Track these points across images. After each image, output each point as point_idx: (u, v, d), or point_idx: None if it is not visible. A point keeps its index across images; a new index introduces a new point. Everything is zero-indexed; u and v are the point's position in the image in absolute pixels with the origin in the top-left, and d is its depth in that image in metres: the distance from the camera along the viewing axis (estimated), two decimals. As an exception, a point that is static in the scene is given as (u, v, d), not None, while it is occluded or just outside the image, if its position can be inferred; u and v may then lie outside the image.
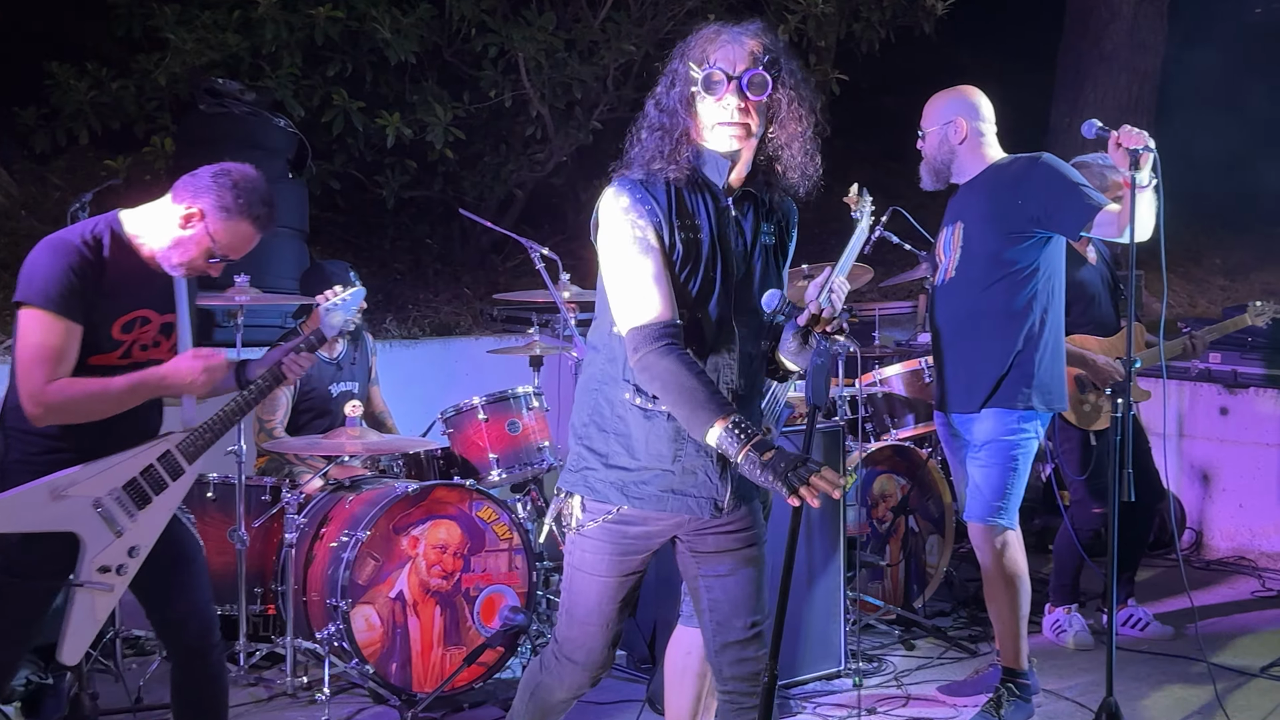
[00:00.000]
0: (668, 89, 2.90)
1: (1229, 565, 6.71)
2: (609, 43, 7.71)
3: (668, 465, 2.94)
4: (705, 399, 2.75)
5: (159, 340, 3.48)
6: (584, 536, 3.02)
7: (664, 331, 2.79)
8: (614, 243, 2.87)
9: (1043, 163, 4.31)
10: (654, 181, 2.89)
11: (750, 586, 3.07)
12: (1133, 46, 10.17)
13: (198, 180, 3.43)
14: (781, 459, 2.70)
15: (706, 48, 2.88)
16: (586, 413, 3.02)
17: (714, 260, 2.91)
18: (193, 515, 4.07)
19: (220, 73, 7.18)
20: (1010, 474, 4.36)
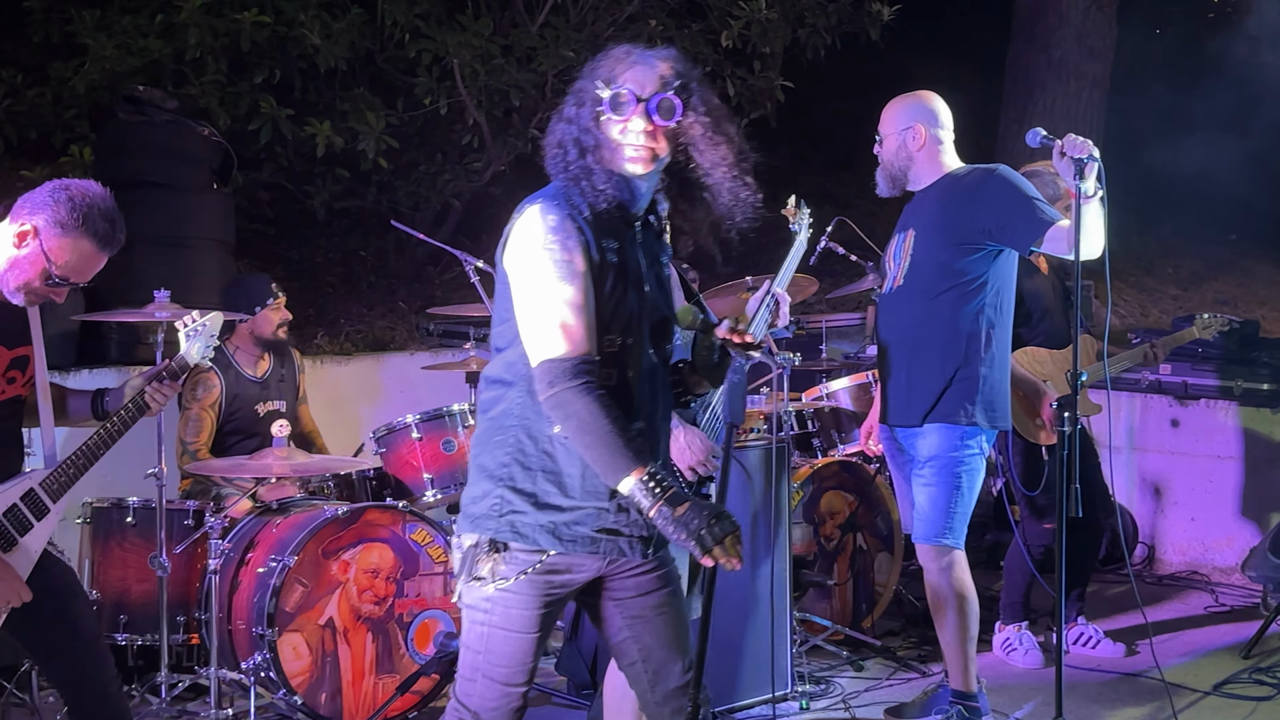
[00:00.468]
0: (576, 107, 2.83)
1: (1182, 580, 6.80)
2: (547, 49, 7.71)
3: (604, 503, 2.82)
4: (622, 445, 2.66)
5: (12, 376, 3.41)
6: (506, 592, 2.81)
7: (582, 368, 2.69)
8: (534, 267, 2.75)
9: (998, 175, 4.36)
10: (577, 202, 2.80)
11: (680, 626, 3.00)
12: (1082, 52, 10.31)
13: (34, 197, 3.34)
14: (695, 515, 2.64)
15: (615, 67, 2.82)
16: (505, 452, 2.82)
17: (630, 283, 2.85)
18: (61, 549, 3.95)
19: (141, 80, 7.11)
20: (955, 493, 4.39)
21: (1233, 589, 6.55)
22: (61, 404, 3.70)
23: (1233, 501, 6.84)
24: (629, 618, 2.97)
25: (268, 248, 8.50)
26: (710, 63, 8.22)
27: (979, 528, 6.78)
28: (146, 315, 4.64)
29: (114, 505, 4.89)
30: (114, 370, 6.10)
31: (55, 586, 3.48)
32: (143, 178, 6.43)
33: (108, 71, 7.15)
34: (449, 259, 8.19)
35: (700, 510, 2.65)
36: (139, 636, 4.81)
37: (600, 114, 2.79)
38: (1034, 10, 10.54)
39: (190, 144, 6.64)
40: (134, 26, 7.26)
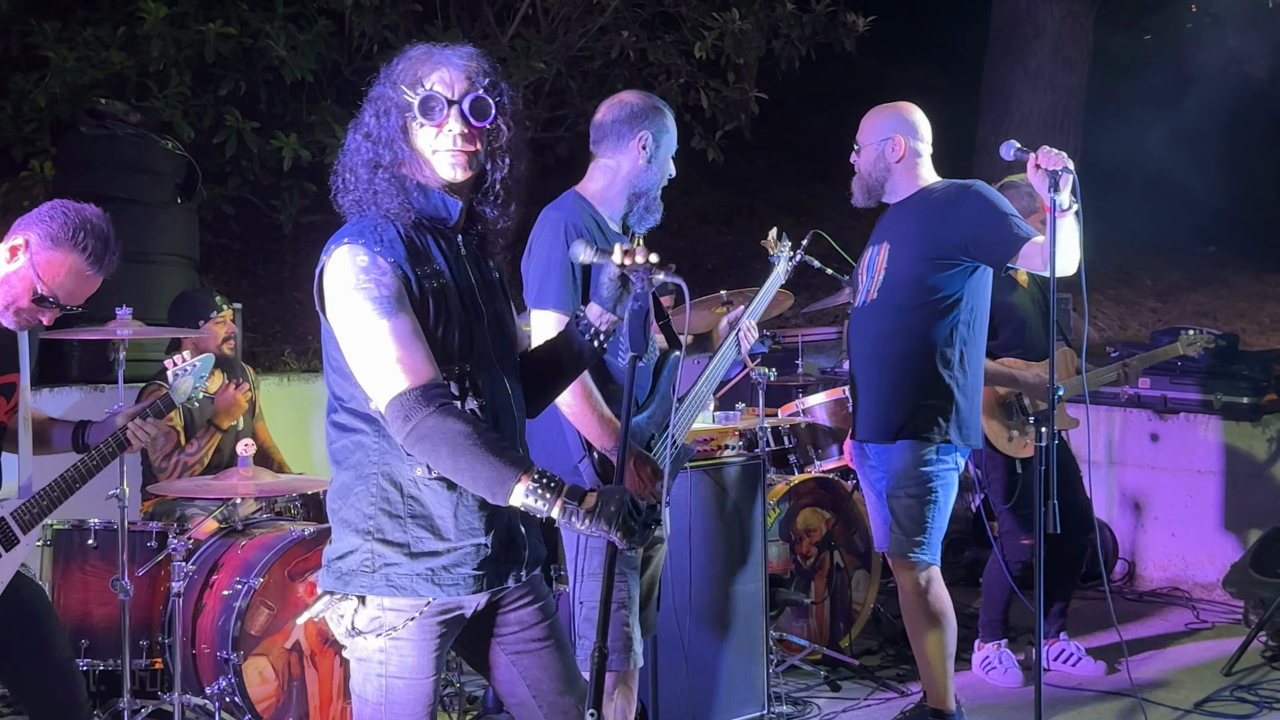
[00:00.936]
0: (378, 118, 2.68)
1: (1162, 596, 6.83)
2: (518, 60, 7.72)
3: (481, 538, 2.69)
4: (498, 455, 2.53)
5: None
6: (398, 640, 2.68)
7: (431, 394, 2.55)
8: (353, 310, 2.59)
9: (974, 191, 4.38)
10: (385, 229, 2.65)
11: (567, 659, 2.89)
12: (1058, 63, 10.40)
13: (32, 213, 3.34)
14: (609, 500, 2.53)
15: (418, 70, 2.69)
16: (369, 502, 2.67)
17: (462, 304, 2.72)
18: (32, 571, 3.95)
19: (104, 92, 7.09)
20: (929, 508, 4.40)
21: (1214, 605, 6.59)
22: (44, 433, 3.70)
23: (1213, 517, 6.88)
24: (513, 654, 2.85)
25: (233, 263, 8.48)
26: (684, 74, 8.26)
27: (957, 544, 6.80)
28: (108, 333, 4.61)
29: (75, 527, 4.85)
30: (75, 389, 6.07)
31: (26, 611, 3.47)
32: (105, 192, 6.37)
33: (69, 84, 7.13)
34: (419, 274, 8.19)
35: (613, 494, 2.54)
36: (100, 661, 4.77)
37: (409, 121, 2.67)
38: (1010, 21, 10.63)
39: (153, 158, 6.61)
40: (96, 38, 7.24)
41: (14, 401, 3.45)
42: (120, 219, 6.11)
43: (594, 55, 8.08)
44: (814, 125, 11.25)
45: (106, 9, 7.57)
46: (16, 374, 3.43)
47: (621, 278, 2.78)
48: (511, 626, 2.84)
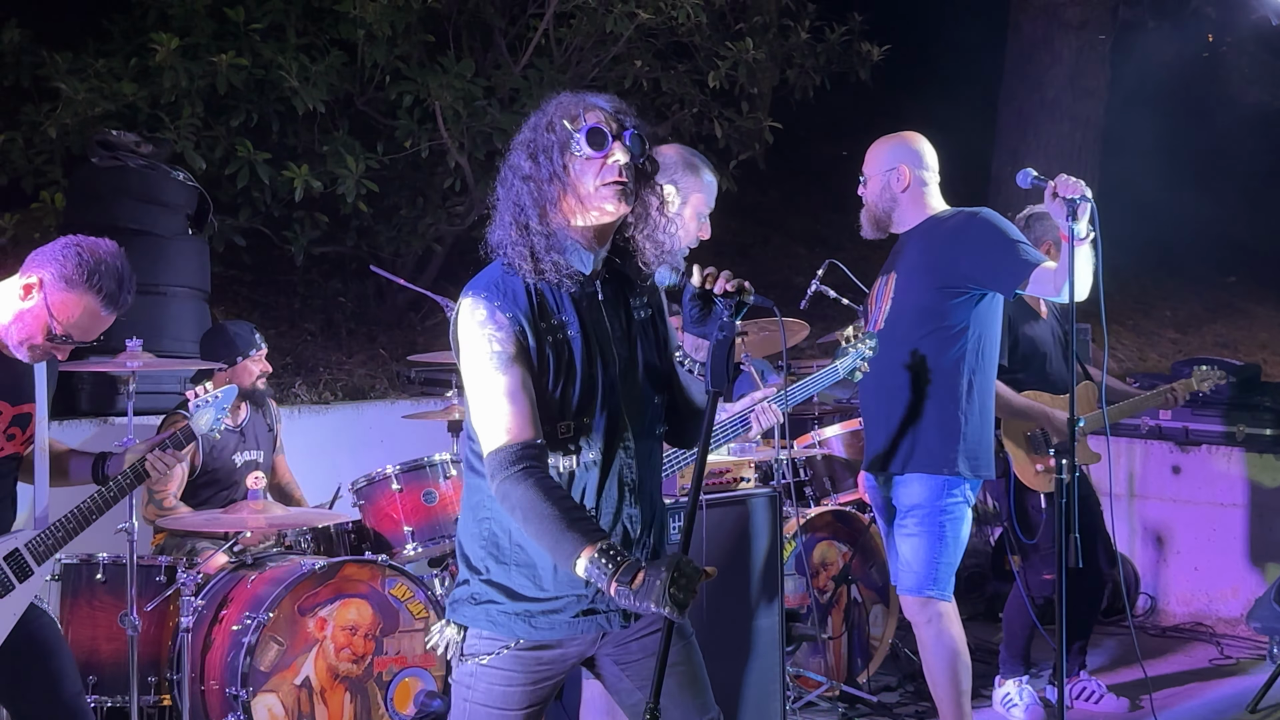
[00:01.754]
0: (535, 158, 2.73)
1: (1185, 632, 6.77)
2: (531, 90, 7.75)
3: (581, 590, 2.79)
4: (566, 526, 2.59)
5: (12, 433, 3.41)
6: (489, 668, 2.81)
7: (520, 455, 2.64)
8: (471, 360, 2.72)
9: (980, 218, 4.37)
10: (512, 284, 2.75)
11: (694, 684, 2.95)
12: (1075, 92, 10.40)
13: (47, 250, 3.36)
14: (654, 578, 2.54)
15: (572, 109, 2.76)
16: (480, 544, 2.84)
17: (591, 357, 2.77)
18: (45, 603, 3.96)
19: (115, 124, 7.12)
20: (940, 543, 4.37)
21: (1238, 641, 6.53)
22: (63, 464, 3.71)
23: (1237, 550, 6.83)
24: (641, 681, 2.91)
25: (244, 294, 8.49)
26: (697, 104, 8.28)
27: (978, 578, 6.76)
28: (118, 365, 4.62)
29: (84, 561, 4.84)
30: (86, 421, 6.07)
31: (38, 643, 3.47)
32: (116, 224, 6.41)
33: (80, 115, 7.16)
34: (431, 305, 8.20)
35: (658, 571, 2.55)
36: (108, 698, 4.75)
37: (575, 155, 2.72)
38: (1027, 50, 10.65)
39: (165, 189, 6.64)
40: (108, 69, 7.28)
41: (30, 432, 3.46)
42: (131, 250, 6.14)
43: (607, 85, 8.09)
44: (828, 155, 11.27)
45: (118, 40, 7.62)
46: (33, 404, 3.44)
47: (704, 297, 2.76)
48: (636, 654, 2.91)
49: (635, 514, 2.85)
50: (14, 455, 3.45)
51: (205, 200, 6.85)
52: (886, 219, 4.55)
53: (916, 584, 4.41)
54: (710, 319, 2.76)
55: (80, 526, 3.49)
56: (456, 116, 7.60)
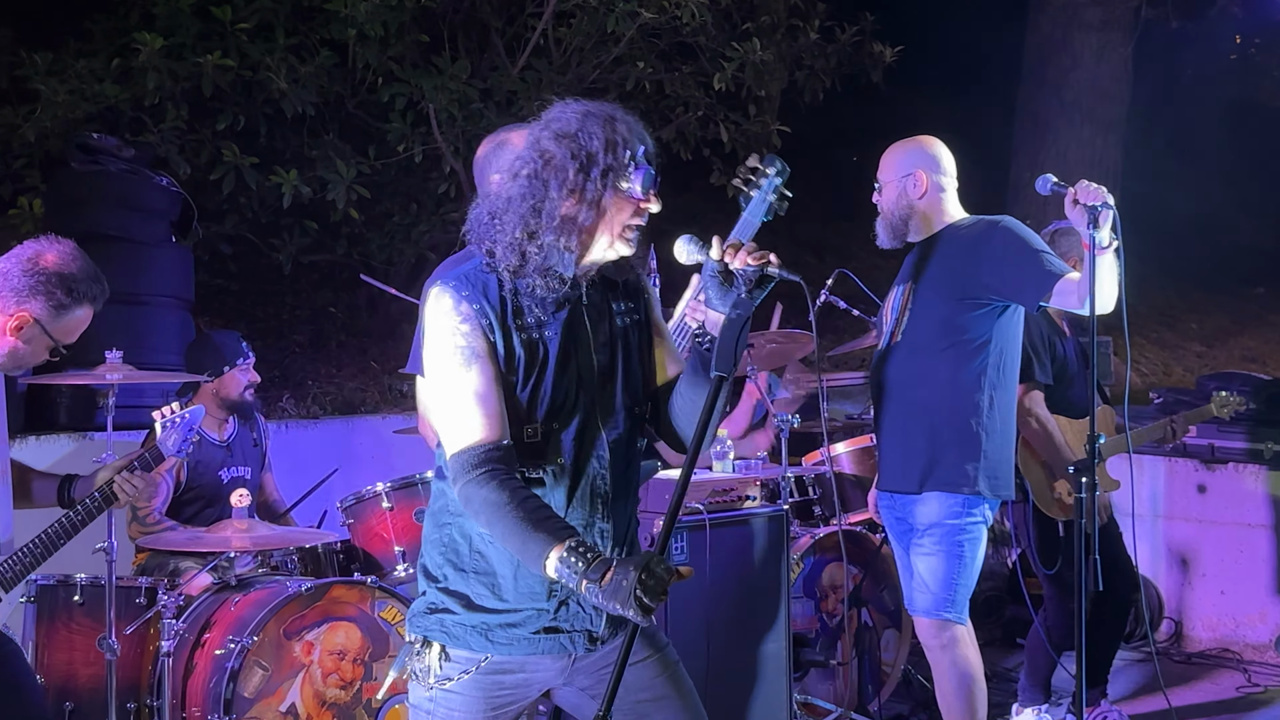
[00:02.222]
0: (586, 172, 2.67)
1: (1211, 658, 6.75)
2: (529, 92, 7.76)
3: (542, 603, 2.78)
4: (534, 527, 2.57)
5: None
6: (448, 692, 2.79)
7: (484, 457, 2.63)
8: (434, 354, 2.71)
9: (1002, 227, 4.35)
10: (484, 277, 2.73)
11: (684, 713, 2.91)
12: (1095, 95, 10.40)
13: (12, 282, 3.37)
14: (622, 576, 2.48)
15: (633, 141, 2.71)
16: (439, 551, 2.83)
17: (565, 361, 2.76)
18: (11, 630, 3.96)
19: (96, 127, 7.14)
20: (957, 563, 4.36)
21: (1267, 668, 6.51)
22: (25, 486, 3.71)
23: (1265, 573, 6.81)
24: (622, 715, 2.86)
25: (230, 304, 8.51)
26: (702, 107, 8.29)
27: (995, 602, 6.74)
28: (97, 378, 4.61)
29: (60, 582, 4.83)
30: (64, 437, 6.07)
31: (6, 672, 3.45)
32: (97, 230, 6.42)
33: (60, 118, 7.17)
34: (424, 316, 8.20)
35: (626, 570, 2.49)
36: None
37: (621, 191, 2.69)
38: (1046, 51, 10.65)
39: (148, 195, 6.66)
40: (89, 70, 7.29)
41: None
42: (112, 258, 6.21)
43: (609, 87, 8.11)
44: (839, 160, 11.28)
45: (100, 40, 7.63)
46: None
47: (724, 273, 2.71)
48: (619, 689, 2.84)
49: (607, 528, 2.83)
50: None
51: (189, 206, 6.86)
52: (903, 227, 4.54)
53: (933, 606, 4.39)
54: (729, 295, 2.70)
55: (47, 552, 3.50)
56: (451, 120, 7.61)
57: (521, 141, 3.03)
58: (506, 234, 2.71)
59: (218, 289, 8.38)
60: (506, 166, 2.81)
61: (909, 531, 4.48)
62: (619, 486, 2.84)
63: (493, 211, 2.75)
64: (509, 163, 2.81)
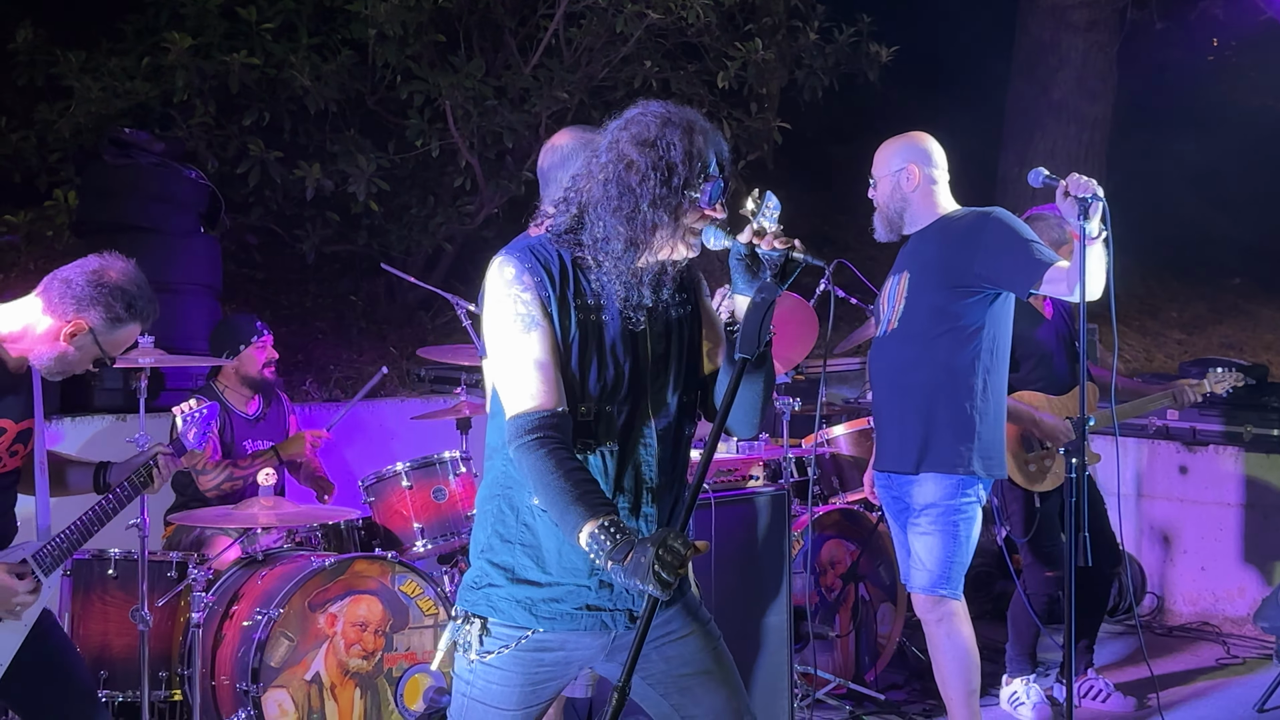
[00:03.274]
0: (671, 182, 2.64)
1: (1192, 631, 6.73)
2: (541, 90, 7.73)
3: (583, 580, 2.74)
4: (574, 499, 2.54)
5: (15, 449, 3.41)
6: (488, 666, 2.75)
7: (539, 423, 2.60)
8: (496, 321, 2.68)
9: (994, 218, 4.33)
10: (549, 252, 2.71)
11: (726, 688, 2.86)
12: (1082, 94, 10.36)
13: (75, 290, 3.36)
14: (641, 554, 2.46)
15: (711, 152, 2.68)
16: (489, 523, 2.79)
17: (622, 346, 2.72)
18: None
19: (128, 122, 7.12)
20: (953, 542, 4.34)
21: (1245, 640, 6.49)
22: (61, 474, 3.71)
23: (1243, 550, 6.79)
24: (666, 692, 2.85)
25: (256, 292, 8.49)
26: (706, 104, 8.25)
27: (985, 578, 6.72)
28: (130, 361, 4.60)
29: (95, 557, 4.83)
30: (98, 418, 6.06)
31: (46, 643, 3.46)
32: (128, 222, 6.42)
33: (93, 114, 7.17)
34: (441, 303, 8.19)
35: (645, 548, 2.47)
36: (119, 693, 4.73)
37: (694, 199, 2.66)
38: (1034, 52, 10.60)
39: (177, 187, 6.64)
40: (120, 69, 7.28)
41: (30, 446, 3.47)
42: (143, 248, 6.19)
43: (617, 85, 8.08)
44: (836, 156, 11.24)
45: (131, 39, 7.61)
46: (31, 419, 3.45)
47: (750, 258, 2.68)
48: (657, 664, 2.83)
49: (652, 513, 2.79)
50: (15, 470, 3.46)
51: (217, 198, 6.85)
52: (898, 220, 4.52)
53: (929, 583, 4.38)
54: (754, 281, 2.67)
55: (84, 537, 3.51)
56: (467, 116, 7.59)
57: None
58: (585, 230, 2.70)
59: (244, 278, 8.36)
60: (570, 162, 2.82)
61: (905, 510, 4.46)
62: (665, 473, 2.80)
63: (569, 199, 2.73)
64: (583, 159, 2.79)
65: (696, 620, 2.89)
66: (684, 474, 2.89)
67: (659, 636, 2.81)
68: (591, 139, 3.57)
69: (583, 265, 2.72)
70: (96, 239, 6.60)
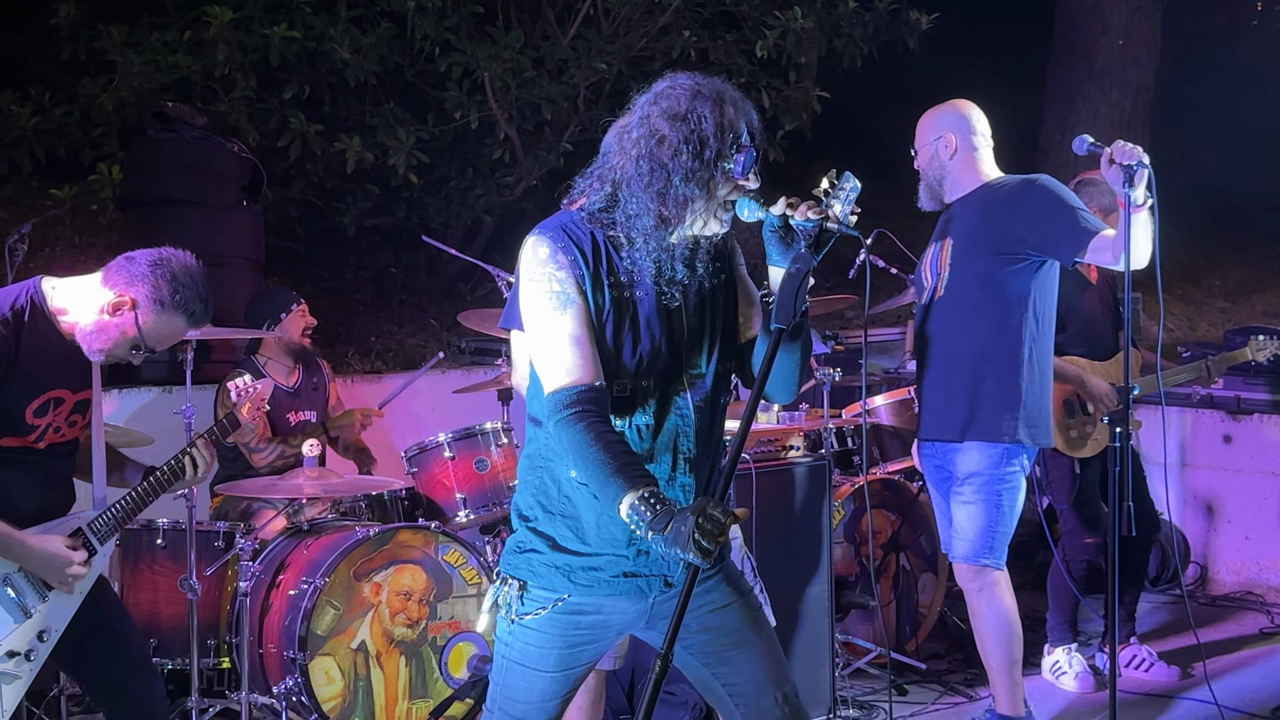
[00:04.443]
0: (703, 155, 2.64)
1: (1236, 600, 6.70)
2: (579, 61, 7.71)
3: (622, 550, 2.77)
4: (614, 471, 2.57)
5: (74, 419, 3.45)
6: (526, 627, 2.80)
7: (577, 397, 2.63)
8: (532, 300, 2.71)
9: (1039, 184, 4.30)
10: (581, 231, 2.73)
11: (767, 658, 2.88)
12: (1125, 60, 10.22)
13: (134, 266, 3.38)
14: (681, 525, 2.48)
15: (743, 123, 2.69)
16: (531, 493, 2.83)
17: (656, 321, 2.74)
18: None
19: (170, 96, 7.16)
20: (996, 512, 4.33)
21: (1289, 609, 6.46)
22: (120, 468, 3.74)
23: (1288, 519, 6.75)
24: (707, 661, 2.87)
25: (297, 265, 8.53)
26: (745, 74, 8.21)
27: (1027, 548, 6.71)
28: (177, 334, 4.64)
29: (144, 527, 4.89)
30: (145, 390, 6.12)
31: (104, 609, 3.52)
32: (172, 195, 6.46)
33: (136, 88, 7.21)
34: (480, 275, 8.21)
35: (684, 517, 2.49)
36: (168, 660, 4.81)
37: (726, 171, 2.66)
38: (1075, 17, 10.47)
39: (219, 161, 6.67)
40: (162, 43, 7.31)
41: (88, 417, 3.50)
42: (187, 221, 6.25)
43: (655, 56, 8.05)
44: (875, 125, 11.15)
45: (173, 14, 7.64)
46: (89, 391, 3.48)
47: (784, 229, 2.70)
48: (697, 633, 2.84)
49: (689, 483, 2.81)
50: (74, 440, 3.50)
51: (259, 172, 6.88)
52: (939, 188, 4.50)
53: (972, 552, 4.37)
54: (789, 252, 2.69)
55: (138, 508, 3.57)
56: (505, 88, 7.58)
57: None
58: (618, 208, 2.71)
59: (285, 251, 8.40)
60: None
61: (948, 479, 4.45)
62: (702, 443, 2.82)
63: (602, 177, 2.74)
64: (613, 136, 2.78)
65: (737, 591, 2.91)
66: (720, 443, 2.90)
67: (699, 606, 2.83)
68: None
69: (615, 242, 2.73)
70: (141, 213, 6.67)
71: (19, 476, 3.37)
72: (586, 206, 2.77)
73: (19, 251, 5.16)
